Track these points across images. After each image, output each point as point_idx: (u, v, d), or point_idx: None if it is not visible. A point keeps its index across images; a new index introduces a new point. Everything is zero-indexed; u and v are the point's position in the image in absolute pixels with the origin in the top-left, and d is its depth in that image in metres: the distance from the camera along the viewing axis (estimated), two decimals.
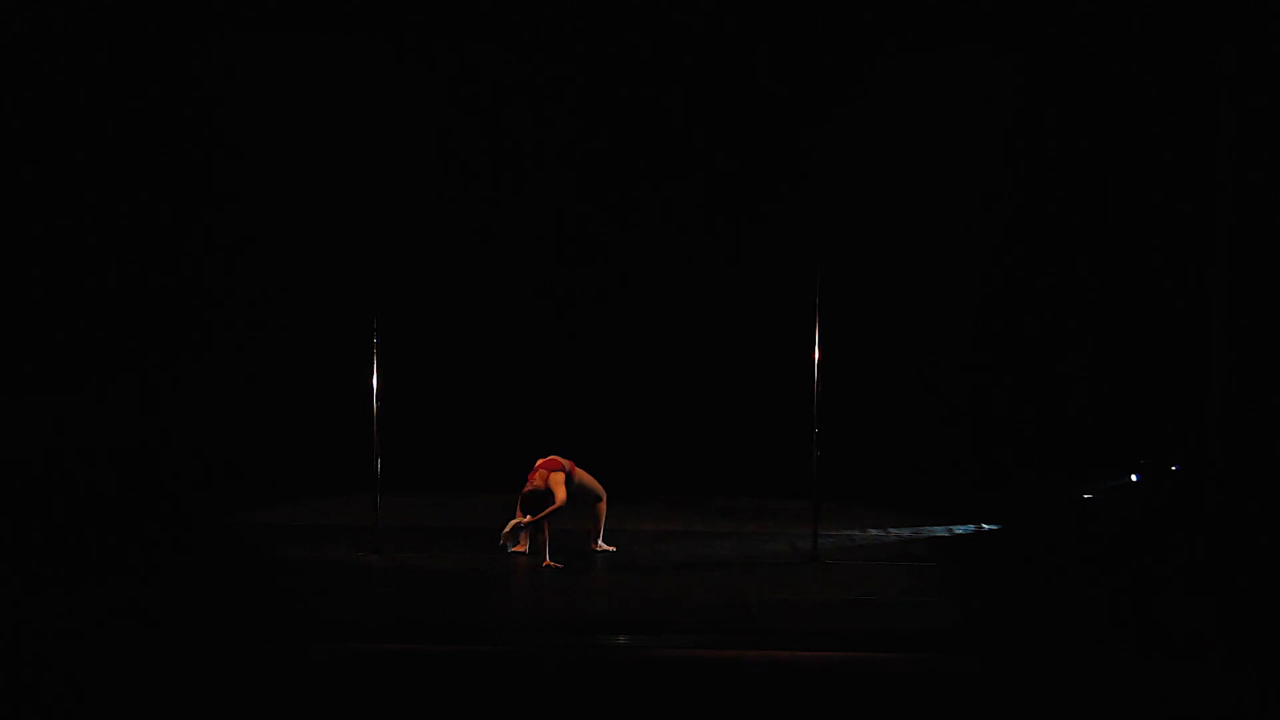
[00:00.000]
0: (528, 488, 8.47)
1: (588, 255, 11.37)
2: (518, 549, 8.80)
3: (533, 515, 8.41)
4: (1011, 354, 10.95)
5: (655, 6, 10.60)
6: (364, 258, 10.71)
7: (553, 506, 8.42)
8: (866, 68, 11.09)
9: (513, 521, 8.46)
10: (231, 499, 10.39)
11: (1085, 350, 10.69)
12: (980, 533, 9.80)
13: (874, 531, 9.68)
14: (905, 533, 9.69)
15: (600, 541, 8.89)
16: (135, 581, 7.83)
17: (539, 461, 8.65)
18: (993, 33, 10.58)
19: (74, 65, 10.12)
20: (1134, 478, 10.18)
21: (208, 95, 10.85)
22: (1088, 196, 10.62)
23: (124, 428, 10.43)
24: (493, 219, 11.30)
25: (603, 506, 8.86)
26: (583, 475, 8.73)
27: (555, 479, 8.47)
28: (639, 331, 11.28)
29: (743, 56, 11.02)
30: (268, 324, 11.09)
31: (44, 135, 10.04)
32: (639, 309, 11.31)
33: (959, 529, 9.86)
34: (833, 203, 11.00)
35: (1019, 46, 10.68)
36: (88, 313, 10.32)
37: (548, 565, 8.40)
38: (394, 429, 8.95)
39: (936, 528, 9.86)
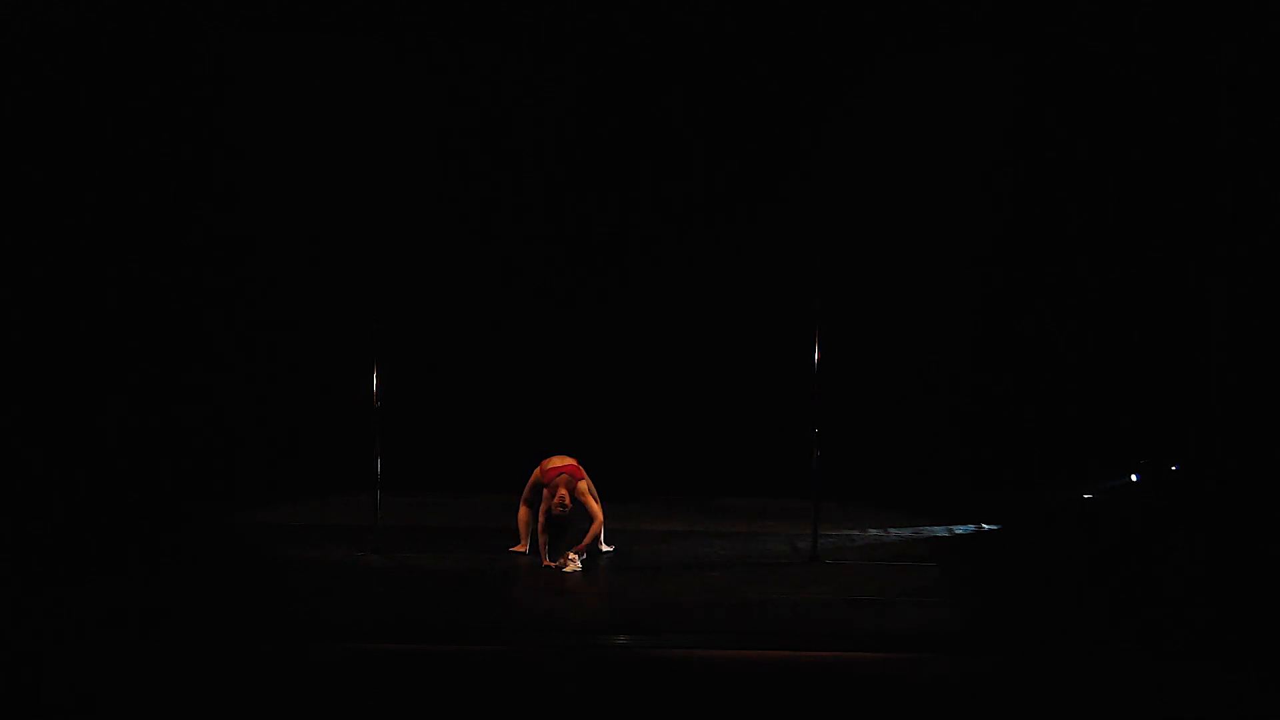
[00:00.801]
0: (557, 508, 8.38)
1: (588, 255, 11.36)
2: (518, 549, 8.80)
3: (578, 547, 8.40)
4: (1011, 354, 10.94)
5: (655, 6, 10.61)
6: (364, 257, 10.76)
7: (596, 525, 8.44)
8: (866, 68, 11.08)
9: (571, 553, 8.40)
10: (231, 499, 10.39)
11: (1085, 350, 10.68)
12: (980, 533, 9.80)
13: (874, 531, 9.68)
14: (905, 533, 9.69)
15: (603, 542, 8.88)
16: (135, 581, 7.84)
17: (558, 465, 8.60)
18: (993, 33, 10.58)
19: (74, 65, 10.11)
20: (1134, 478, 10.18)
21: (208, 95, 10.83)
22: (1088, 196, 10.61)
23: (124, 428, 10.42)
24: (492, 218, 11.29)
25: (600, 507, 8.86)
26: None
27: (581, 490, 8.44)
28: (639, 331, 11.26)
29: (743, 56, 11.01)
30: (267, 323, 11.07)
31: (44, 135, 10.03)
32: (639, 308, 11.30)
33: (959, 529, 9.86)
34: (833, 202, 11.00)
35: (1019, 46, 10.67)
36: (87, 313, 10.31)
37: (548, 565, 8.40)
38: (394, 429, 8.95)
39: (936, 528, 9.86)
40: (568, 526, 8.47)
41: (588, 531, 8.51)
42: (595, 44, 10.93)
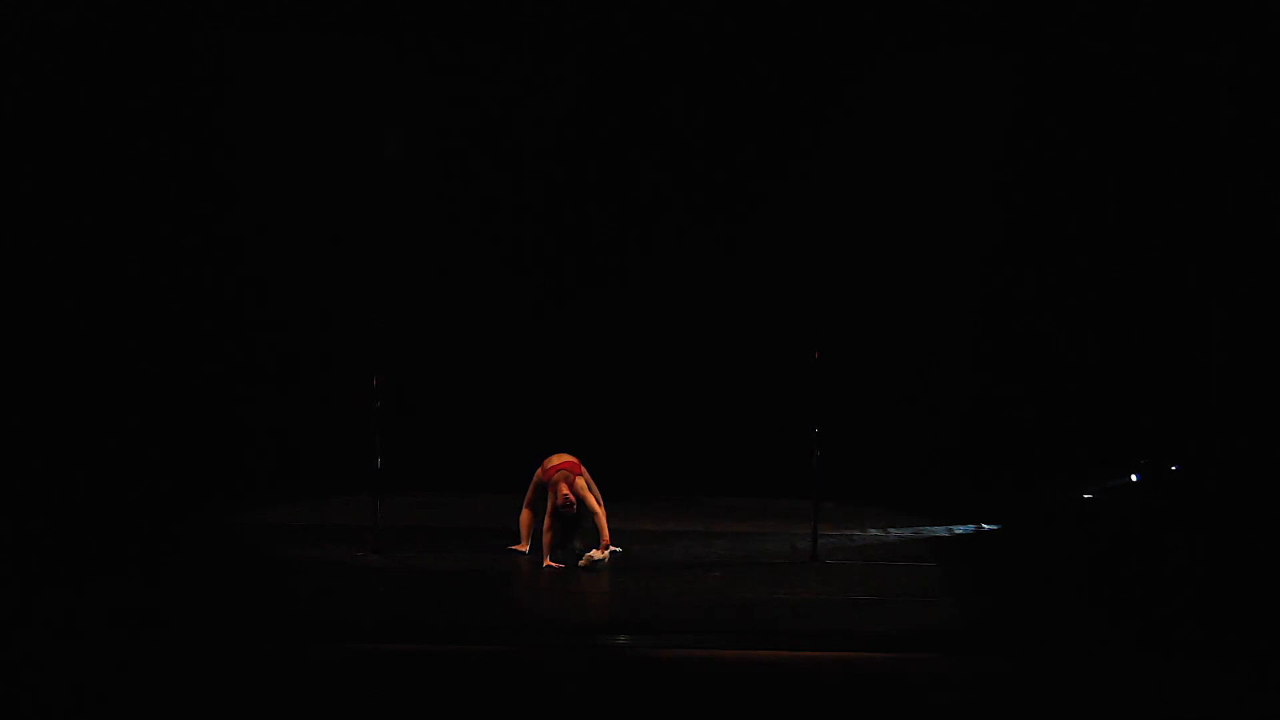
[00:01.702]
0: (564, 506, 8.40)
1: (587, 255, 11.35)
2: (518, 548, 8.80)
3: (599, 549, 8.40)
4: (1011, 354, 10.94)
5: (655, 6, 10.60)
6: (364, 257, 10.76)
7: (599, 517, 8.43)
8: (866, 68, 11.07)
9: (587, 556, 8.42)
10: (231, 499, 10.39)
11: (1085, 350, 10.68)
12: (980, 533, 9.80)
13: (874, 531, 9.68)
14: (905, 533, 9.69)
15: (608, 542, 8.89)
16: (135, 581, 7.84)
17: (557, 463, 8.59)
18: (993, 33, 10.57)
19: (74, 65, 10.11)
20: (1134, 478, 10.17)
21: (208, 95, 10.83)
22: (1088, 196, 10.61)
23: (124, 427, 10.42)
24: (492, 218, 11.28)
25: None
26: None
27: (580, 485, 8.44)
28: (639, 331, 11.25)
29: (743, 56, 11.00)
30: (267, 323, 11.07)
31: (44, 135, 10.03)
32: (639, 308, 11.29)
33: (959, 529, 9.86)
34: (833, 203, 11.00)
35: (1019, 46, 10.67)
36: (87, 312, 10.32)
37: (548, 565, 8.40)
38: (394, 429, 8.94)
39: (936, 528, 9.86)
40: (577, 527, 8.46)
41: (597, 529, 8.48)
42: (595, 44, 10.92)
